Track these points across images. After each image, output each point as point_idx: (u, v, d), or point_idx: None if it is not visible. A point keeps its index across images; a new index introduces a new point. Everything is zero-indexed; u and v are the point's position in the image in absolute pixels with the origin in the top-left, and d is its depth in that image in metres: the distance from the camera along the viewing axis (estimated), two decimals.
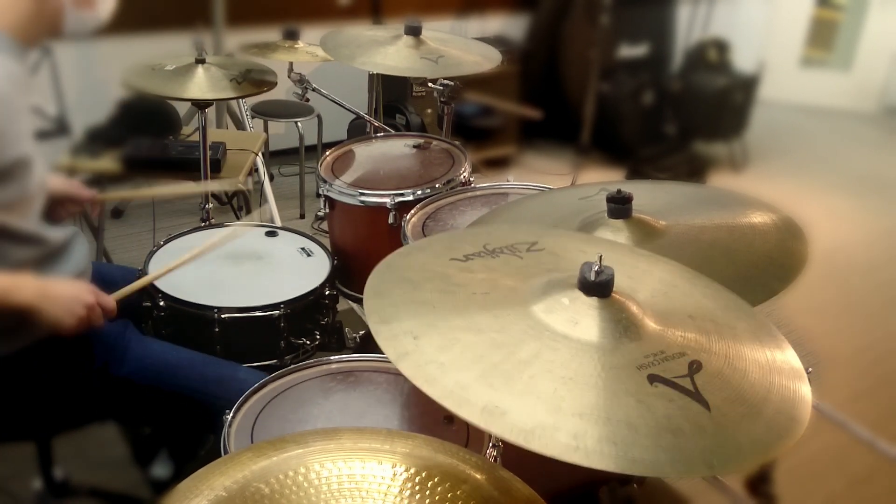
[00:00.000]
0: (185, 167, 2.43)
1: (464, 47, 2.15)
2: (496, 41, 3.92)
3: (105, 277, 1.58)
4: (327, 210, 2.02)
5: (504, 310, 0.90)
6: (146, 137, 2.50)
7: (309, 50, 2.82)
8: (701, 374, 0.84)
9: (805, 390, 0.88)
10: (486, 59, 2.09)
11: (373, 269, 0.98)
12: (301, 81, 2.43)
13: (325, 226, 2.14)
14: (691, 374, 0.84)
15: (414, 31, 2.07)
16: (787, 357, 0.93)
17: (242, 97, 3.21)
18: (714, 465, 0.75)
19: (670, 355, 0.86)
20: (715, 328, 0.94)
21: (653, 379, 0.82)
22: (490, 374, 0.80)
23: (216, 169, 2.54)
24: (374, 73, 2.88)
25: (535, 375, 0.81)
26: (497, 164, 4.11)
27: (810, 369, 1.02)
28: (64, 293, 1.32)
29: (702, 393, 0.82)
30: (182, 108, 2.98)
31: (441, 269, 0.98)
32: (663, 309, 0.95)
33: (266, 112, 3.52)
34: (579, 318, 0.88)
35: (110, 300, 1.39)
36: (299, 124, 3.50)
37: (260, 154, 2.91)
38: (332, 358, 1.43)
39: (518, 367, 0.82)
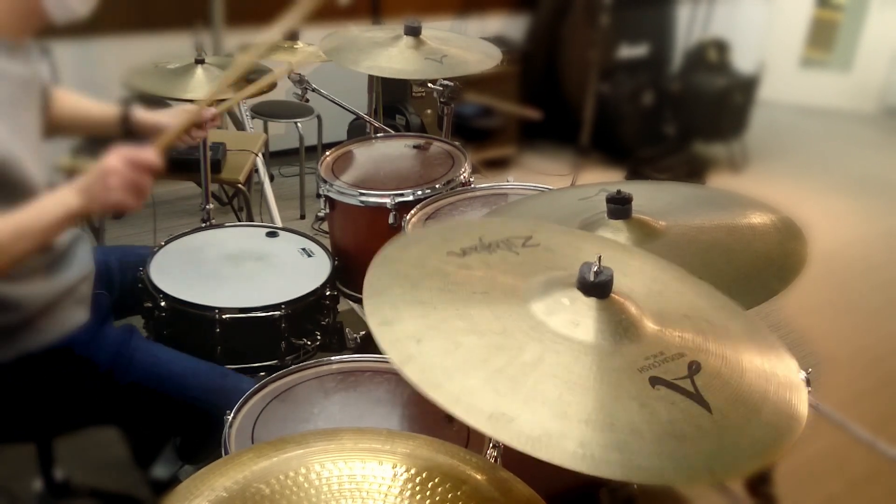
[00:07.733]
0: (185, 167, 2.43)
1: (465, 45, 2.14)
2: (496, 41, 3.91)
3: (103, 267, 1.57)
4: (327, 210, 2.02)
5: (504, 310, 0.89)
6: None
7: (309, 50, 2.82)
8: (700, 375, 0.83)
9: (801, 388, 0.87)
10: (488, 57, 2.08)
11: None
12: (301, 82, 2.43)
13: (325, 226, 2.14)
14: (691, 375, 0.83)
15: (413, 32, 2.07)
16: (780, 356, 0.92)
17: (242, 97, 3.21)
18: (716, 471, 0.73)
19: (669, 356, 0.85)
20: (710, 328, 0.93)
21: (655, 381, 0.81)
22: (495, 379, 0.79)
23: (216, 170, 2.54)
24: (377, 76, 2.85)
25: (540, 380, 0.79)
26: (497, 165, 4.11)
27: (810, 370, 1.02)
28: (93, 178, 1.22)
29: (702, 394, 0.80)
30: None
31: (439, 264, 0.96)
32: (660, 309, 0.94)
33: (266, 112, 3.52)
34: (580, 320, 0.87)
35: (147, 153, 1.24)
36: (299, 125, 3.50)
37: (260, 154, 2.91)
38: (332, 358, 1.43)
39: (522, 371, 0.80)
